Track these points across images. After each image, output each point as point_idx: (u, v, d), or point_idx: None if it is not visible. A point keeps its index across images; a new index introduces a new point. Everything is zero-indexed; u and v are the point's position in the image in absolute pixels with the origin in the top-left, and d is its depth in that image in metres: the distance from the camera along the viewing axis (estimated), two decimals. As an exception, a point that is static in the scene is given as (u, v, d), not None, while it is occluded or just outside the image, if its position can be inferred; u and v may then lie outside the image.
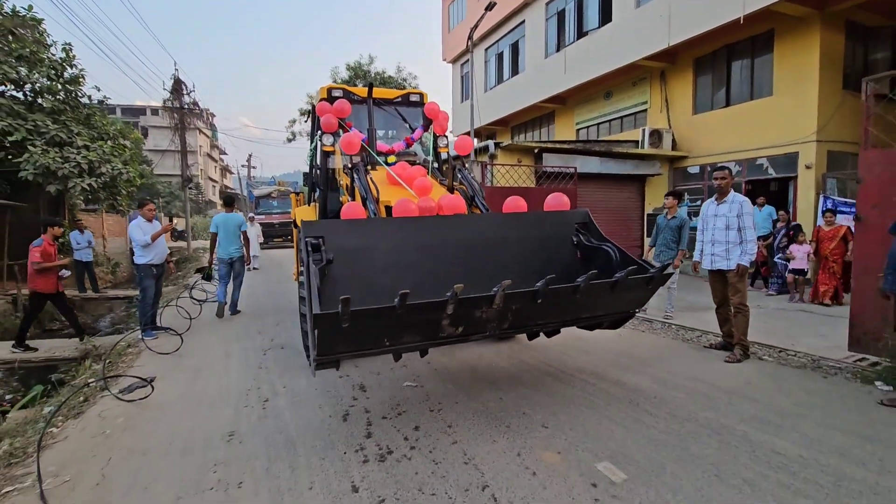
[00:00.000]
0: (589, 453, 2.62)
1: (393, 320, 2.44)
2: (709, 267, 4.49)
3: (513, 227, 3.68)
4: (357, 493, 2.34)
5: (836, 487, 2.24)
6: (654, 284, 3.14)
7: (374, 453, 2.72)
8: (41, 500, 2.38)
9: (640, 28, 11.57)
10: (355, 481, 2.44)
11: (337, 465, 2.62)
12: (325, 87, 5.77)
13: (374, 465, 2.59)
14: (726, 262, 4.28)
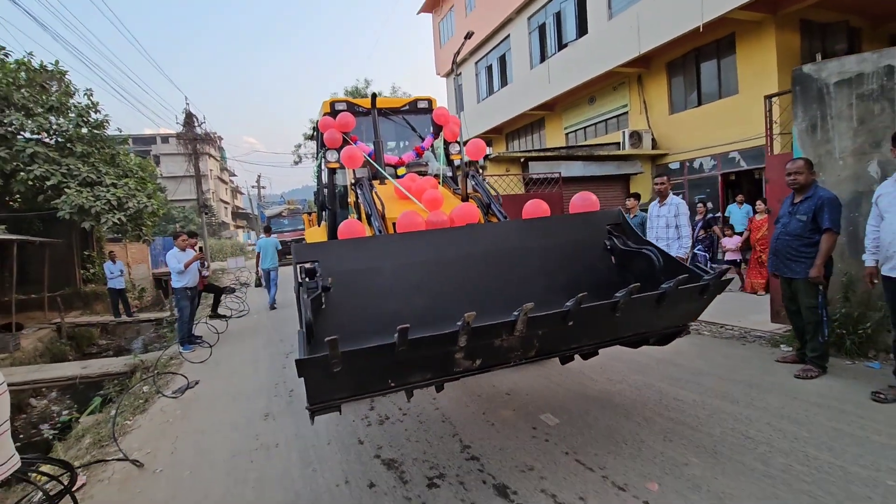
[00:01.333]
0: (536, 409, 3.45)
1: (395, 359, 2.02)
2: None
3: (535, 235, 3.19)
4: (362, 444, 3.20)
5: (709, 418, 3.05)
6: (709, 293, 2.56)
7: (375, 419, 3.59)
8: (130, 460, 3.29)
9: (614, 38, 12.38)
10: (361, 437, 3.30)
11: (347, 428, 3.48)
12: (328, 101, 5.50)
13: (375, 427, 3.45)
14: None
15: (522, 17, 16.23)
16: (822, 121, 4.00)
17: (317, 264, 2.72)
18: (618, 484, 2.44)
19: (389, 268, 2.86)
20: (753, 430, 2.84)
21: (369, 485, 2.69)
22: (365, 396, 2.44)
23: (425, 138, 5.37)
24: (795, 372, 3.63)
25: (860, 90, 3.74)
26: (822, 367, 3.59)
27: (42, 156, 11.67)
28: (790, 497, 2.20)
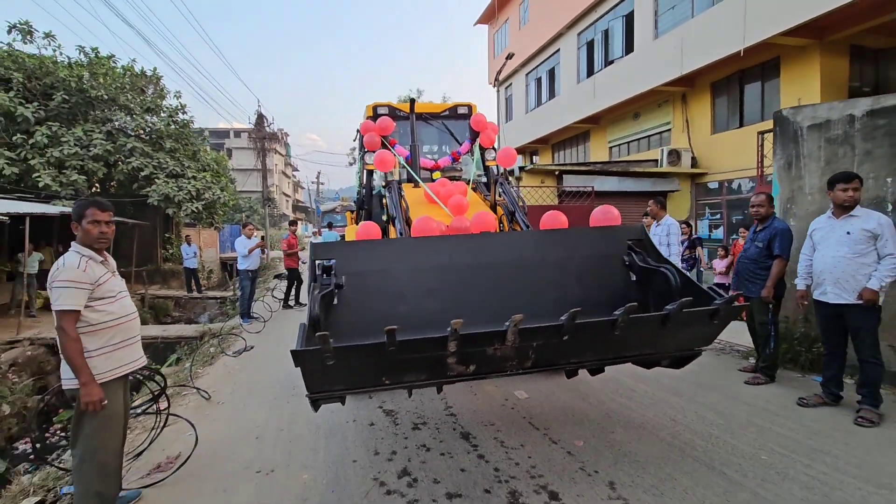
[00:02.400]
0: (513, 387, 4.20)
1: (387, 358, 2.11)
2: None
3: (551, 246, 3.19)
4: (371, 399, 4.09)
5: (650, 405, 3.68)
6: (720, 319, 2.43)
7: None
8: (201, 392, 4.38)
9: (658, 57, 12.65)
10: (370, 394, 4.20)
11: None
12: (371, 105, 5.63)
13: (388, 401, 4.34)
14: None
15: (573, 32, 16.70)
16: (796, 159, 4.44)
17: (333, 262, 2.78)
18: (553, 439, 3.17)
19: (402, 270, 2.93)
20: (680, 416, 3.46)
21: (370, 423, 3.58)
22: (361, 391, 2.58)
23: (462, 143, 5.42)
24: (746, 379, 4.14)
25: (828, 135, 4.17)
26: (771, 376, 4.07)
27: (139, 150, 13.63)
28: (678, 458, 2.84)
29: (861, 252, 3.21)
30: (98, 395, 2.24)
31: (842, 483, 2.52)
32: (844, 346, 3.45)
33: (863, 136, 3.92)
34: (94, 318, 2.31)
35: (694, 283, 2.73)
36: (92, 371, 2.23)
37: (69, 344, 2.18)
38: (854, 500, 2.38)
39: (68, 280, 2.20)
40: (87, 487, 2.35)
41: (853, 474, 2.61)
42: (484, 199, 4.67)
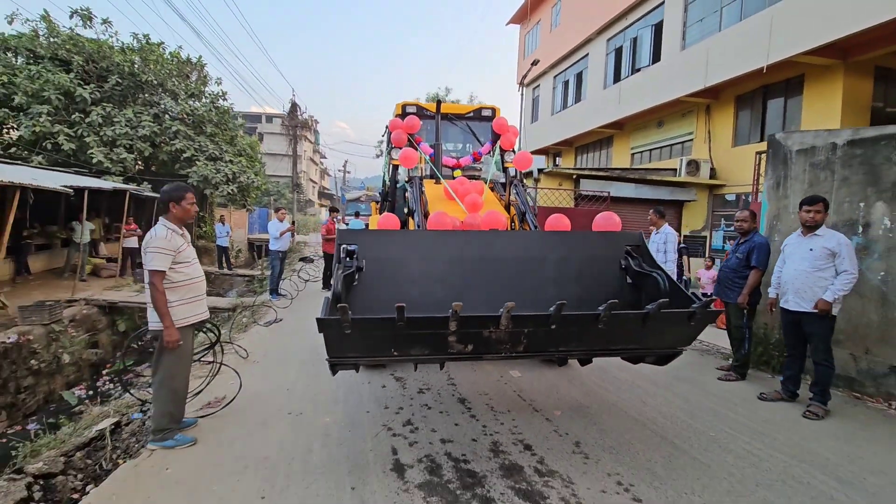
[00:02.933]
0: (508, 367, 4.76)
1: (395, 332, 2.35)
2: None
3: (553, 247, 3.41)
4: (384, 367, 4.70)
5: (627, 390, 4.18)
6: (697, 321, 2.63)
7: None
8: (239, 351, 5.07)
9: (684, 68, 12.85)
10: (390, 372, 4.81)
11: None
12: (400, 104, 5.91)
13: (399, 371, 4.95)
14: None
15: (602, 38, 16.92)
16: (784, 180, 4.84)
17: (356, 247, 3.08)
18: (536, 408, 3.73)
19: (416, 259, 3.21)
20: (651, 400, 3.97)
21: (382, 386, 4.20)
22: (373, 360, 2.90)
23: (484, 144, 5.66)
24: (719, 375, 4.60)
25: (813, 160, 4.56)
26: (742, 374, 4.52)
27: (182, 133, 14.57)
28: (639, 430, 3.36)
29: (820, 267, 3.64)
30: (176, 336, 2.90)
31: (771, 457, 3.01)
32: (803, 349, 3.88)
33: (842, 164, 4.31)
34: (175, 277, 2.97)
35: (680, 289, 2.96)
36: (167, 316, 2.89)
37: (157, 296, 2.84)
38: (776, 469, 2.86)
39: (158, 247, 2.86)
40: (162, 407, 3.03)
41: (784, 452, 3.08)
42: (499, 198, 4.98)
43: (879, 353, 4.00)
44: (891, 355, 3.93)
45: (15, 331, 6.46)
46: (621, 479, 2.72)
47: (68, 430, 3.78)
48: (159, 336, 2.93)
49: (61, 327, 7.37)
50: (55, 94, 12.41)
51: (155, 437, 3.04)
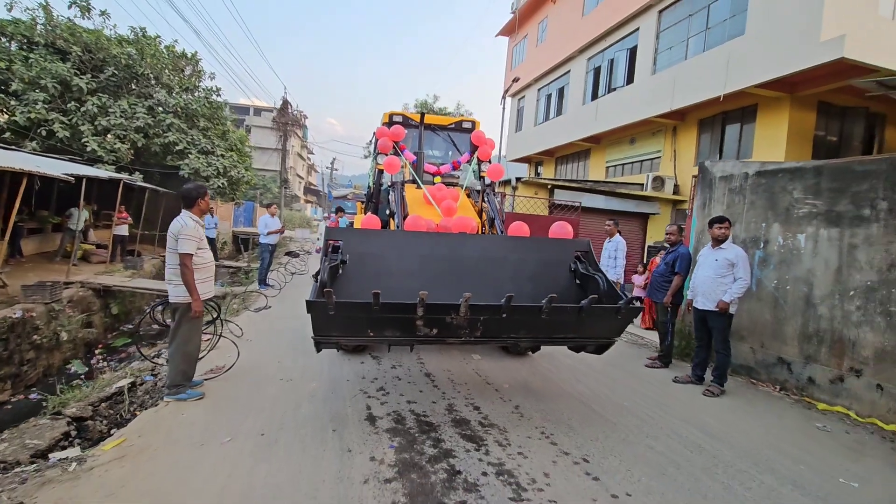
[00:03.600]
0: (471, 353, 5.52)
1: (371, 315, 2.74)
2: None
3: (513, 249, 3.84)
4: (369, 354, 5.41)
5: (568, 371, 4.98)
6: (623, 315, 3.13)
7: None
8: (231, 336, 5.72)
9: (654, 91, 13.86)
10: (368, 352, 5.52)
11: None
12: (388, 113, 6.29)
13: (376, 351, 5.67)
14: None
15: (583, 57, 17.91)
16: (709, 201, 5.72)
17: (341, 243, 3.46)
18: (488, 382, 4.49)
19: (393, 256, 3.63)
20: (584, 379, 4.77)
21: (361, 362, 4.92)
22: (352, 339, 3.39)
23: (463, 154, 6.05)
24: (646, 363, 5.44)
25: (730, 185, 5.44)
26: (666, 362, 5.37)
27: (176, 126, 15.01)
28: (568, 399, 4.15)
29: (722, 274, 4.50)
30: (201, 307, 3.59)
31: (665, 421, 3.83)
32: (709, 341, 4.73)
33: (751, 190, 5.19)
34: (198, 260, 3.64)
35: (615, 289, 3.43)
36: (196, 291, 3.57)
37: (188, 274, 3.51)
38: (666, 428, 3.68)
39: (189, 235, 3.54)
40: (177, 366, 3.69)
41: (677, 417, 3.91)
42: (474, 204, 5.44)
43: (771, 347, 4.88)
44: (779, 348, 4.81)
45: (20, 307, 6.96)
46: (545, 430, 3.49)
47: (87, 389, 4.40)
48: (179, 308, 3.61)
49: (60, 307, 7.86)
50: (52, 82, 12.77)
51: (170, 391, 3.70)
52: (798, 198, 4.70)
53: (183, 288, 3.58)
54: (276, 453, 2.92)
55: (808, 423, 4.00)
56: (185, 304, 3.61)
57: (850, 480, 3.04)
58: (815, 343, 4.48)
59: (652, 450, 3.29)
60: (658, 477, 2.91)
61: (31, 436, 3.19)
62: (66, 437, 3.42)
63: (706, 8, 12.26)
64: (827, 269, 4.42)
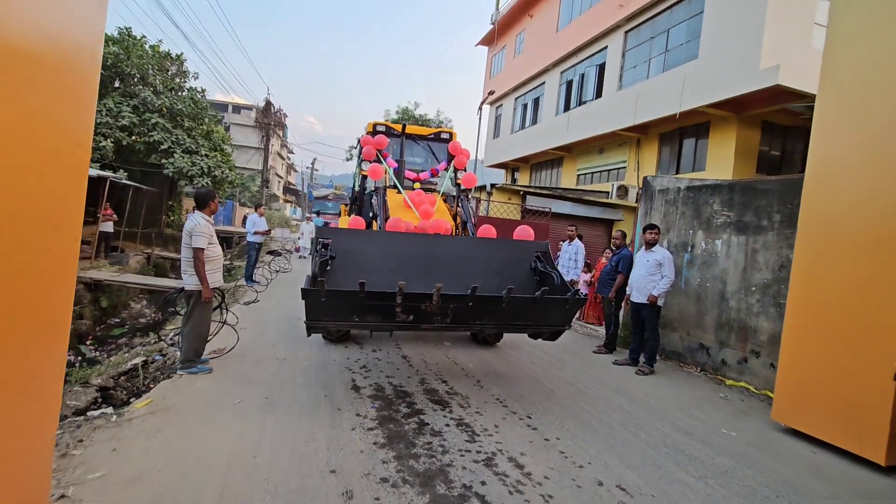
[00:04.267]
0: (443, 342, 6.27)
1: (357, 302, 3.16)
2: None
3: (481, 249, 4.38)
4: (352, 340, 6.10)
5: (527, 351, 5.79)
6: (570, 305, 3.65)
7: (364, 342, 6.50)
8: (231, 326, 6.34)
9: (620, 106, 14.93)
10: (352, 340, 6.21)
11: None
12: (372, 123, 6.73)
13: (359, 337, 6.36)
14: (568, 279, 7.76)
15: (557, 70, 18.94)
16: (650, 210, 6.63)
17: (330, 241, 3.92)
18: (456, 362, 5.25)
19: (376, 253, 4.08)
20: (539, 361, 5.58)
21: (345, 346, 5.61)
22: (338, 325, 3.94)
23: (441, 162, 6.56)
24: (594, 349, 6.30)
25: (666, 197, 6.36)
26: (611, 350, 6.23)
27: (161, 126, 15.34)
28: (523, 376, 4.94)
29: (651, 272, 5.38)
30: (211, 294, 4.24)
31: (599, 391, 4.66)
32: (643, 329, 5.61)
33: (682, 202, 6.11)
34: (209, 253, 4.29)
35: (566, 284, 3.98)
36: (207, 279, 4.22)
37: (201, 266, 4.16)
38: (598, 396, 4.50)
39: (202, 232, 4.19)
40: (190, 344, 4.33)
41: (609, 389, 4.75)
42: (449, 208, 5.90)
43: (694, 335, 5.80)
44: (700, 336, 5.73)
45: None
46: (500, 397, 4.27)
47: (102, 367, 4.98)
48: (194, 294, 4.26)
49: (55, 299, 8.28)
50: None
51: (183, 366, 4.34)
52: (716, 209, 5.63)
53: (195, 277, 4.23)
54: (280, 410, 3.61)
55: (714, 394, 4.91)
56: (198, 291, 4.26)
57: (730, 431, 3.91)
58: (726, 331, 5.41)
59: (583, 410, 4.10)
60: (583, 427, 3.72)
61: (69, 398, 3.80)
62: (95, 402, 4.02)
63: (666, 32, 13.37)
64: (736, 269, 5.35)
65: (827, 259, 3.59)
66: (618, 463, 3.17)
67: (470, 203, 7.23)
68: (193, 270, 4.21)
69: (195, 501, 2.38)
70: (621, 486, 2.86)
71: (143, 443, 2.96)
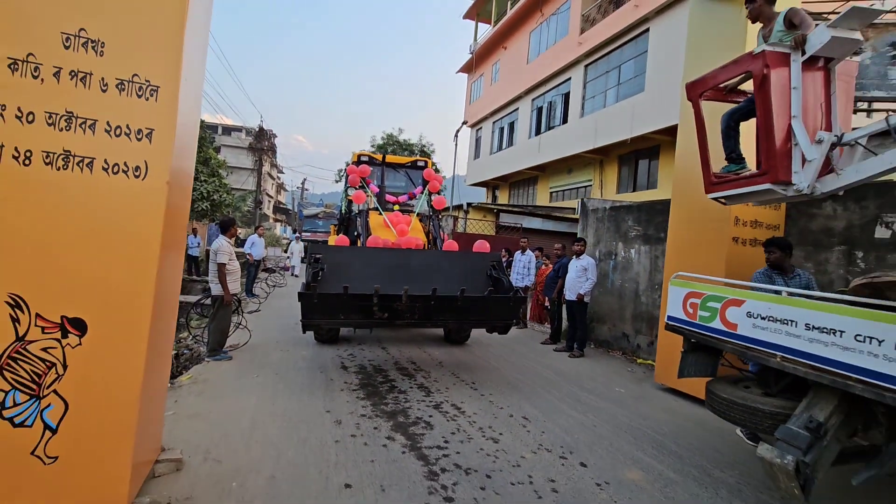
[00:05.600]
0: (423, 342, 7.59)
1: (343, 302, 4.00)
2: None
3: (445, 260, 5.32)
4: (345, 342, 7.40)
5: (484, 347, 7.13)
6: (513, 303, 4.63)
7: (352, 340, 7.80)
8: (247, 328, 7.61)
9: (582, 131, 16.58)
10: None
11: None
12: (357, 153, 7.73)
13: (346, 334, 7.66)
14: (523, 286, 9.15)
15: (529, 97, 20.67)
16: (586, 226, 8.08)
17: (320, 256, 4.84)
18: (425, 351, 6.57)
19: (358, 265, 4.94)
20: (493, 351, 6.91)
21: (335, 344, 6.91)
22: (328, 322, 4.65)
23: (417, 187, 7.54)
24: (541, 341, 7.66)
25: (597, 216, 7.82)
26: (555, 341, 7.59)
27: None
28: (480, 361, 6.28)
29: (579, 276, 6.78)
30: (230, 298, 5.55)
31: (534, 369, 6.00)
32: (574, 321, 6.98)
33: (607, 219, 7.57)
34: (230, 267, 5.61)
35: (514, 287, 5.00)
36: (229, 287, 5.53)
37: (223, 276, 5.47)
38: (532, 371, 5.84)
39: (224, 251, 5.50)
40: (215, 338, 5.62)
41: (543, 366, 6.10)
42: (424, 227, 6.94)
43: (618, 326, 7.19)
44: (622, 327, 7.12)
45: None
46: (455, 372, 5.60)
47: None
48: (219, 298, 5.56)
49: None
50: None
51: (210, 354, 5.61)
52: (630, 225, 7.09)
53: (219, 286, 5.54)
54: (288, 379, 4.90)
55: (624, 368, 6.29)
56: (221, 296, 5.56)
57: (621, 389, 5.29)
58: (640, 321, 6.81)
59: (517, 379, 5.45)
60: (512, 388, 5.05)
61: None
62: (144, 383, 5.27)
63: (618, 68, 15.11)
64: (644, 272, 6.78)
65: (685, 257, 5.01)
66: (529, 406, 4.52)
67: (441, 222, 8.56)
68: (218, 280, 5.53)
69: (237, 427, 3.67)
70: (525, 417, 4.21)
71: (193, 398, 4.24)
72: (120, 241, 2.28)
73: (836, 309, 2.37)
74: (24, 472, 2.14)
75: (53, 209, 2.20)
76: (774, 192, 3.14)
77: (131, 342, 2.30)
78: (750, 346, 2.79)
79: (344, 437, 3.54)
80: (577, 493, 2.96)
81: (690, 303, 3.26)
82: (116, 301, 2.27)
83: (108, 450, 2.26)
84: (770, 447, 2.48)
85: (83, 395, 2.22)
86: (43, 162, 2.19)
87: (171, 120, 2.38)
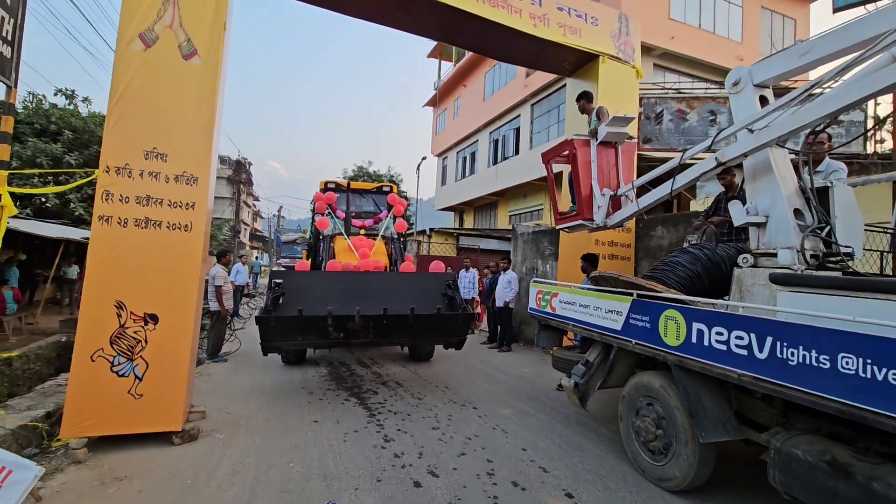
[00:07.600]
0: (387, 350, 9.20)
1: (298, 324, 4.12)
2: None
3: (402, 281, 5.39)
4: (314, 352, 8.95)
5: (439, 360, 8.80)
6: (463, 319, 4.90)
7: (320, 339, 9.35)
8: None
9: (531, 161, 18.68)
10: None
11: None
12: (324, 182, 7.97)
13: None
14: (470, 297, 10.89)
15: (486, 130, 22.87)
16: (516, 247, 9.91)
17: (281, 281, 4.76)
18: (393, 360, 8.19)
19: (319, 288, 4.87)
20: (452, 358, 8.57)
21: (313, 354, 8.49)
22: (287, 344, 4.92)
23: (382, 211, 7.83)
24: (482, 342, 9.37)
25: (525, 238, 9.67)
26: (492, 341, 9.30)
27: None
28: (439, 364, 7.94)
29: (505, 287, 8.55)
30: (226, 312, 7.12)
31: (468, 362, 7.69)
32: (503, 324, 8.72)
33: (531, 241, 9.42)
34: (225, 288, 7.18)
35: (465, 304, 5.34)
36: (224, 304, 7.09)
37: (219, 296, 7.03)
38: (467, 364, 7.52)
39: (220, 276, 7.09)
40: (213, 344, 7.15)
41: (477, 360, 7.79)
42: (387, 250, 7.30)
43: (540, 326, 8.96)
44: (543, 327, 8.90)
45: (64, 334, 9.86)
46: (404, 364, 7.23)
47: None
48: (216, 312, 7.11)
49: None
50: (46, 160, 15.59)
51: (210, 357, 7.11)
52: (546, 245, 8.95)
53: (216, 303, 7.10)
54: (273, 372, 6.46)
55: (538, 358, 8.03)
56: (218, 311, 7.11)
57: (527, 370, 7.02)
58: (554, 321, 8.60)
59: (459, 371, 7.11)
60: (458, 379, 6.69)
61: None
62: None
63: (558, 107, 17.36)
64: (556, 282, 8.61)
65: (567, 268, 6.82)
66: (452, 381, 6.20)
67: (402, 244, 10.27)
68: (216, 299, 7.09)
69: (238, 397, 5.22)
70: (446, 385, 5.90)
71: (203, 384, 5.77)
72: (177, 269, 3.93)
73: (589, 294, 4.19)
74: (124, 403, 3.72)
75: (139, 251, 3.84)
76: (585, 226, 5.00)
77: (184, 329, 3.93)
78: (562, 321, 4.57)
79: (314, 400, 5.15)
80: (464, 420, 4.64)
81: (538, 297, 5.04)
82: (175, 304, 3.91)
83: (172, 393, 3.85)
84: (567, 378, 4.24)
85: (157, 359, 3.82)
86: (133, 224, 3.84)
87: (205, 196, 4.06)
